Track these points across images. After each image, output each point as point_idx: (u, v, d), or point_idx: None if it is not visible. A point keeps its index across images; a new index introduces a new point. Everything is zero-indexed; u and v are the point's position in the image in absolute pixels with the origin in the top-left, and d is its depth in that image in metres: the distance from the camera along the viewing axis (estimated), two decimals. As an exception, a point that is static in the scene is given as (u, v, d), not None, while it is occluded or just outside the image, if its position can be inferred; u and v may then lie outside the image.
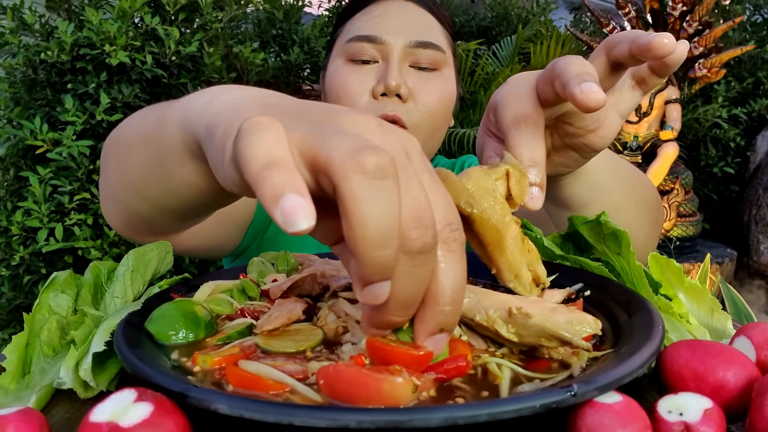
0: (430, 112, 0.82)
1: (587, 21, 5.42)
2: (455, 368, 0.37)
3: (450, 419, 0.29)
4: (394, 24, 0.83)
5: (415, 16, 0.85)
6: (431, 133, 0.84)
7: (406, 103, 0.81)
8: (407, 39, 0.81)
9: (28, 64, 1.66)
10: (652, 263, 0.53)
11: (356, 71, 0.82)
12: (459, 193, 0.41)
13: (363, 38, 0.82)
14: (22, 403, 0.40)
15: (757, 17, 3.96)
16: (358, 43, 0.82)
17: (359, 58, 0.83)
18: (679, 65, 0.47)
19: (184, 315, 0.46)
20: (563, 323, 0.39)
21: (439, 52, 0.84)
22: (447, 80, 0.86)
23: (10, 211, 1.67)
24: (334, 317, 0.47)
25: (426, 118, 0.82)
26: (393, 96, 0.80)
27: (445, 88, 0.85)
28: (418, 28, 0.83)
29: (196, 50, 1.77)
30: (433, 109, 0.82)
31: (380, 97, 0.80)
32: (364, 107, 0.81)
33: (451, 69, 0.88)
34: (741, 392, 0.36)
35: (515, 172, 0.46)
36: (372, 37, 0.82)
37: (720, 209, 3.89)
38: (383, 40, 0.81)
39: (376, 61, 0.82)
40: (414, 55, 0.82)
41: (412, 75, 0.82)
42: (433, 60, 0.83)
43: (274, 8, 2.80)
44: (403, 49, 0.81)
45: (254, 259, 0.63)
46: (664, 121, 3.23)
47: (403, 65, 0.82)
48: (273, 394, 0.35)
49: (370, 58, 0.82)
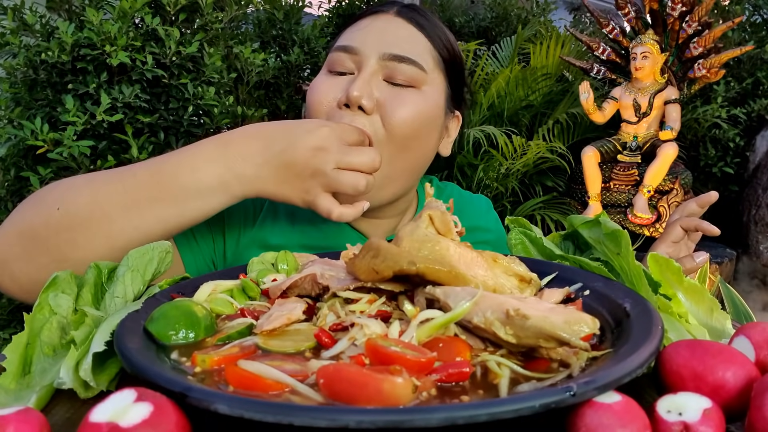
0: (397, 127, 0.77)
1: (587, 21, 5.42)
2: (457, 373, 0.37)
3: (450, 419, 0.29)
4: (373, 36, 0.81)
5: (399, 31, 0.82)
6: (398, 151, 0.79)
7: (371, 116, 0.77)
8: (382, 51, 0.79)
9: (29, 64, 1.66)
10: (652, 263, 0.53)
11: (329, 81, 0.81)
12: (398, 259, 0.46)
13: (340, 48, 0.81)
14: (22, 402, 0.40)
15: (756, 17, 3.96)
16: (336, 53, 0.82)
17: (336, 69, 0.81)
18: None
19: (184, 315, 0.46)
20: (561, 324, 0.39)
21: (417, 68, 0.80)
22: (425, 98, 0.81)
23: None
24: (334, 317, 0.47)
25: (392, 134, 0.78)
26: (355, 107, 0.76)
27: (420, 105, 0.79)
28: (398, 43, 0.80)
29: (196, 50, 1.77)
30: (401, 124, 0.77)
31: (343, 108, 0.77)
32: (325, 116, 0.78)
33: (434, 89, 0.83)
34: (740, 392, 0.36)
35: (436, 213, 0.54)
36: (348, 47, 0.80)
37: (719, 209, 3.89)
38: (358, 51, 0.80)
39: (352, 72, 0.81)
40: (388, 68, 0.79)
41: (384, 88, 0.79)
42: (410, 76, 0.79)
43: (274, 9, 2.80)
44: (377, 61, 0.79)
45: (254, 259, 0.64)
46: (664, 121, 3.23)
47: (375, 78, 0.79)
48: (273, 394, 0.35)
49: (347, 69, 0.81)
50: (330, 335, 0.43)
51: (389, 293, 0.48)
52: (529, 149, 3.14)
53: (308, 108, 0.83)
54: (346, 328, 0.44)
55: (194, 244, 0.80)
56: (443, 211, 0.55)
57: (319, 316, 0.48)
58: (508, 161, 3.16)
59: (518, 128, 3.43)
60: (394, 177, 0.81)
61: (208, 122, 1.87)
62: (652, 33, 3.21)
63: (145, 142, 1.70)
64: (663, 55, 3.19)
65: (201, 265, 0.81)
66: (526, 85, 3.51)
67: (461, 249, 0.51)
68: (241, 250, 0.83)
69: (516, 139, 3.10)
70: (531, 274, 0.54)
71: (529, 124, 3.62)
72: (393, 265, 0.45)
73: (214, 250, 0.83)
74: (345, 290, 0.49)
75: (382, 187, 0.79)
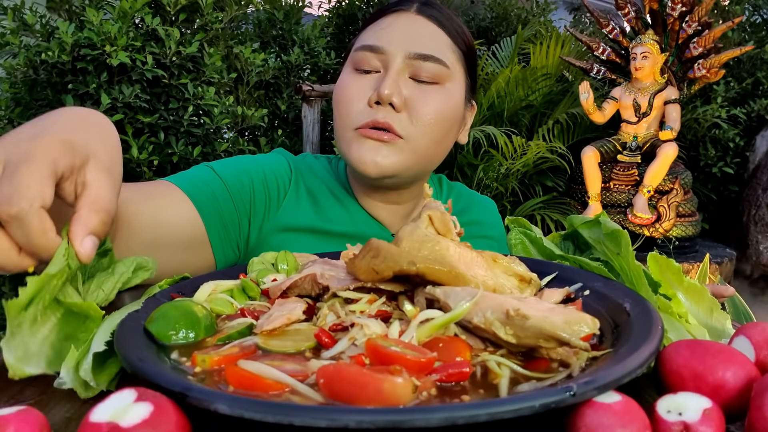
0: (425, 124, 0.83)
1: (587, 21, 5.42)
2: (457, 373, 0.37)
3: (450, 419, 0.29)
4: (398, 35, 0.84)
5: (422, 30, 0.86)
6: (429, 145, 0.85)
7: (400, 113, 0.82)
8: (408, 50, 0.82)
9: (29, 64, 1.66)
10: (652, 263, 0.53)
11: (358, 80, 0.84)
12: (398, 259, 0.46)
13: (366, 48, 0.84)
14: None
15: (756, 18, 3.96)
16: (362, 52, 0.85)
17: (362, 68, 0.85)
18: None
19: (184, 315, 0.46)
20: (561, 324, 0.39)
21: (440, 65, 0.84)
22: (448, 94, 0.86)
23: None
24: (334, 317, 0.47)
25: (421, 129, 0.83)
26: (386, 105, 0.81)
27: (445, 101, 0.85)
28: (421, 41, 0.84)
29: (196, 51, 1.77)
30: (429, 120, 0.83)
31: (374, 105, 0.81)
32: (357, 114, 0.83)
33: (456, 84, 0.87)
34: (740, 392, 0.36)
35: (435, 213, 0.54)
36: (374, 47, 0.84)
37: (719, 209, 3.90)
38: (384, 50, 0.83)
39: (378, 70, 0.84)
40: (414, 67, 0.83)
41: (411, 86, 0.83)
42: (434, 73, 0.83)
43: (274, 9, 2.81)
44: (403, 60, 0.82)
45: (254, 259, 0.64)
46: (664, 121, 3.23)
47: (402, 76, 0.83)
48: (273, 394, 0.35)
49: (372, 68, 0.84)
50: (330, 335, 0.43)
51: (389, 293, 0.48)
52: (529, 149, 3.14)
53: (337, 104, 0.86)
54: (346, 328, 0.44)
55: (221, 228, 0.82)
56: (443, 212, 0.55)
57: (319, 316, 0.48)
58: (508, 161, 3.16)
59: (518, 128, 3.43)
60: (425, 164, 0.87)
61: (208, 122, 1.87)
62: (652, 33, 3.21)
63: (145, 142, 1.70)
64: (663, 55, 3.19)
65: (227, 250, 0.82)
66: (526, 85, 3.51)
67: (461, 249, 0.51)
68: (264, 236, 0.85)
69: (516, 139, 3.10)
70: (531, 274, 0.54)
71: (529, 124, 3.62)
72: (393, 266, 0.45)
73: (239, 233, 0.85)
74: (345, 290, 0.49)
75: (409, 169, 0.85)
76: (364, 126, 0.81)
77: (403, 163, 0.82)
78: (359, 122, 0.82)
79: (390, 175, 0.82)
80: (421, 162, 0.85)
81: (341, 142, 0.85)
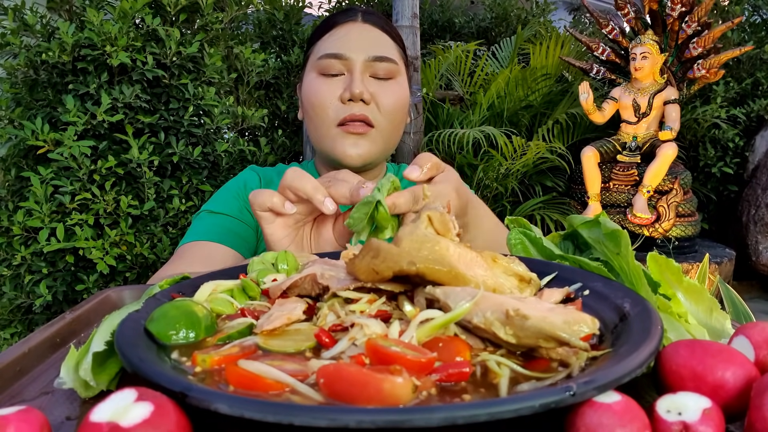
0: (389, 112, 1.03)
1: (586, 22, 5.42)
2: (457, 373, 0.37)
3: (450, 419, 0.29)
4: (356, 43, 1.02)
5: (372, 36, 1.05)
6: (392, 130, 1.05)
7: (369, 106, 1.00)
8: (366, 54, 1.01)
9: (30, 64, 1.66)
10: (651, 263, 0.53)
11: (326, 83, 1.02)
12: (397, 259, 0.46)
13: (331, 56, 1.02)
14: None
15: (755, 18, 3.96)
16: (327, 60, 1.02)
17: (328, 72, 1.02)
18: None
19: (185, 315, 0.46)
20: (561, 324, 0.39)
21: (393, 64, 1.04)
22: (401, 86, 1.06)
23: (12, 211, 1.67)
24: (334, 317, 0.47)
25: (386, 118, 1.03)
26: (358, 101, 0.99)
27: (400, 93, 1.06)
28: (375, 46, 1.03)
29: (196, 51, 1.77)
30: (392, 109, 1.03)
31: (347, 102, 0.99)
32: (335, 111, 1.00)
33: (403, 77, 1.08)
34: (740, 392, 0.36)
35: (435, 214, 0.55)
36: (338, 54, 1.01)
37: (719, 209, 3.90)
38: (347, 56, 1.01)
39: (342, 73, 1.02)
40: (372, 67, 1.02)
41: (372, 83, 1.02)
42: (389, 71, 1.03)
43: (274, 9, 2.80)
44: (364, 63, 1.01)
45: (254, 258, 0.64)
46: (663, 121, 3.23)
47: (365, 76, 1.01)
48: (273, 394, 0.35)
49: (337, 71, 1.02)
50: (330, 335, 0.43)
51: (389, 293, 0.48)
52: (529, 149, 3.14)
53: (313, 106, 1.02)
54: (346, 328, 0.44)
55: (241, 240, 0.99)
56: (442, 212, 0.55)
57: (319, 316, 0.48)
58: (507, 161, 3.16)
59: (518, 128, 3.43)
60: (389, 147, 1.08)
61: (208, 122, 1.87)
62: (651, 33, 3.21)
63: (145, 143, 1.70)
64: (662, 55, 3.19)
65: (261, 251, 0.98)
66: (526, 86, 3.51)
67: (461, 249, 0.51)
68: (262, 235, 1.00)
69: (516, 139, 3.10)
70: (531, 274, 0.54)
71: (528, 125, 3.62)
72: (393, 266, 0.45)
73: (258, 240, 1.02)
74: (345, 290, 0.49)
75: (380, 154, 1.05)
76: (345, 120, 0.99)
77: (377, 149, 1.02)
78: (339, 117, 0.99)
79: (369, 162, 1.03)
80: (388, 146, 1.07)
81: (325, 139, 1.02)
